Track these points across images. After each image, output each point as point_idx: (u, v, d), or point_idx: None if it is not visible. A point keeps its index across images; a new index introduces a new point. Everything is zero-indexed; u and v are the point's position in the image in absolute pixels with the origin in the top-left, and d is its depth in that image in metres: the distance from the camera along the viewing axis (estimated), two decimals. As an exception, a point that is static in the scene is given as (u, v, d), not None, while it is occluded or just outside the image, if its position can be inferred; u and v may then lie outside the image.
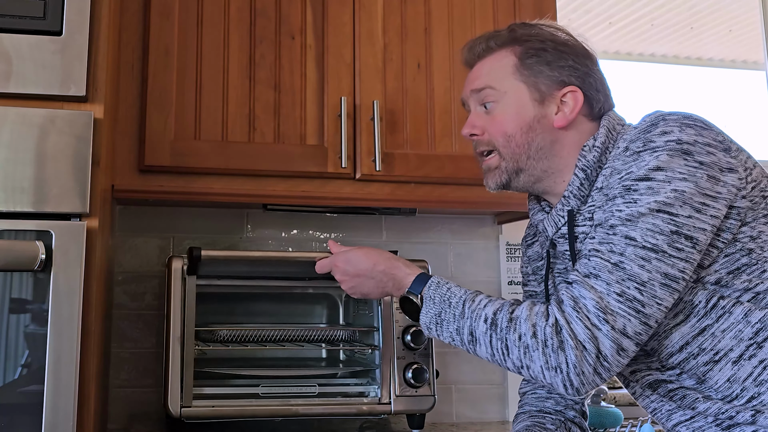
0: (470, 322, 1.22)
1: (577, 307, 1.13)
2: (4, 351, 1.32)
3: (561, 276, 1.41)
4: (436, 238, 2.24)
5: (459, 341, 1.24)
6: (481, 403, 2.21)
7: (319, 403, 1.81)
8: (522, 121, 1.32)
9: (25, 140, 1.35)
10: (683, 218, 1.13)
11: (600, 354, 1.11)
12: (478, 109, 1.37)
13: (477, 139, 1.37)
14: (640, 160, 1.16)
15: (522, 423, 1.44)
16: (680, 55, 4.78)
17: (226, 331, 1.87)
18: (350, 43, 1.91)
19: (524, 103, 1.32)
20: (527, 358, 1.16)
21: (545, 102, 1.32)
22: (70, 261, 1.33)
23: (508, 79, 1.33)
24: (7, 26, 1.39)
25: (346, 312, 2.06)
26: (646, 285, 1.12)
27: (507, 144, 1.32)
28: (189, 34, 1.83)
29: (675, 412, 1.26)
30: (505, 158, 1.33)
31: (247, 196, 1.84)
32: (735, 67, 4.91)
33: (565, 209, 1.30)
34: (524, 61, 1.33)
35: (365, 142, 1.86)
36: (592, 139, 1.30)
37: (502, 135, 1.32)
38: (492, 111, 1.34)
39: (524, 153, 1.32)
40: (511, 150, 1.32)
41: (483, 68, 1.37)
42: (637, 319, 1.11)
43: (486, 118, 1.35)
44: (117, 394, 1.99)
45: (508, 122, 1.32)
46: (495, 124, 1.33)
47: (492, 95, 1.34)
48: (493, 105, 1.34)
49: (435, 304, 1.26)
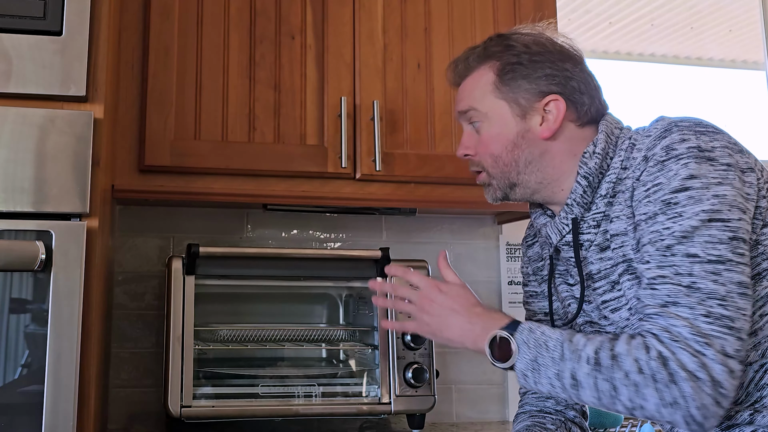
0: (571, 365, 1.13)
1: (674, 337, 1.07)
2: (4, 351, 1.32)
3: (561, 278, 1.41)
4: (436, 238, 2.24)
5: (560, 387, 1.14)
6: (481, 403, 2.21)
7: (319, 403, 1.81)
8: (506, 139, 1.32)
9: (25, 140, 1.35)
10: (735, 222, 1.10)
11: (714, 381, 1.05)
12: (468, 128, 1.38)
13: (470, 159, 1.39)
14: (667, 170, 1.14)
15: (522, 423, 1.44)
16: (680, 55, 4.79)
17: (226, 331, 1.87)
18: (350, 43, 1.91)
19: (507, 120, 1.32)
20: (639, 397, 1.08)
21: (527, 116, 1.31)
22: (70, 261, 1.33)
23: (488, 98, 1.33)
24: (7, 26, 1.39)
25: (346, 312, 2.06)
26: (727, 299, 1.07)
27: (495, 164, 1.34)
28: (189, 34, 1.83)
29: None
30: (495, 177, 1.35)
31: (247, 196, 1.84)
32: (735, 67, 4.91)
33: (569, 217, 1.30)
34: (502, 78, 1.32)
35: (365, 142, 1.86)
36: (592, 146, 1.28)
37: (490, 156, 1.34)
38: (479, 131, 1.35)
39: (513, 170, 1.32)
40: (500, 169, 1.33)
41: (465, 89, 1.38)
42: (732, 336, 1.06)
43: (476, 138, 1.37)
44: (117, 394, 1.99)
45: (493, 143, 1.33)
46: (482, 145, 1.35)
47: (476, 116, 1.35)
48: (479, 125, 1.35)
49: (530, 349, 1.17)
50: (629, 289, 1.23)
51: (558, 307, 1.43)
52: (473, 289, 2.32)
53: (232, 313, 2.01)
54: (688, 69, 4.80)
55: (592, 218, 1.28)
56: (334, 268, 1.91)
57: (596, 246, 1.28)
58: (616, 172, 1.26)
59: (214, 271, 1.83)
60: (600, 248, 1.28)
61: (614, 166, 1.27)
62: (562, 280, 1.40)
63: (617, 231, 1.24)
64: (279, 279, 1.93)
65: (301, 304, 2.08)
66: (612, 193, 1.26)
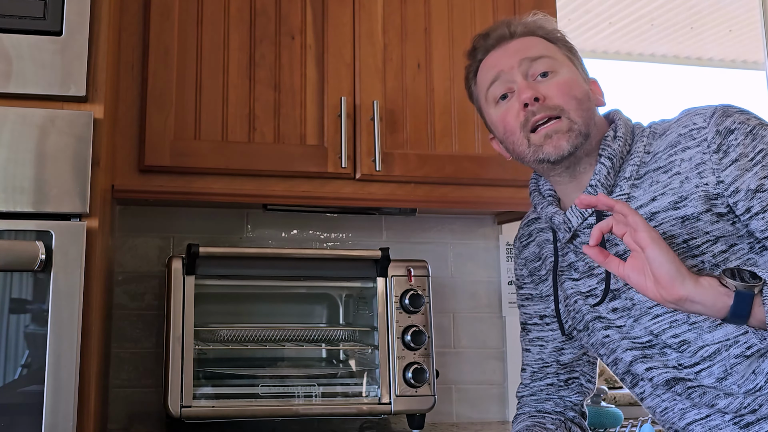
0: None
1: None
2: (4, 351, 1.32)
3: (565, 273, 1.39)
4: (436, 238, 2.24)
5: None
6: (481, 403, 2.21)
7: (319, 403, 1.81)
8: (584, 89, 1.32)
9: (25, 140, 1.35)
10: None
11: None
12: (526, 81, 1.30)
13: (540, 105, 1.28)
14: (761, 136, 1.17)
15: (522, 423, 1.44)
16: (680, 55, 4.78)
17: (226, 331, 1.87)
18: (350, 43, 1.91)
19: (578, 76, 1.33)
20: None
21: (587, 83, 1.35)
22: (70, 261, 1.33)
23: (560, 55, 1.34)
24: (7, 26, 1.39)
25: (346, 312, 2.06)
26: None
27: (579, 108, 1.28)
28: (189, 34, 1.83)
29: (689, 411, 1.24)
30: (577, 122, 1.28)
31: (247, 196, 1.84)
32: (735, 67, 4.91)
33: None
34: (566, 47, 1.35)
35: (365, 142, 1.86)
36: (612, 131, 1.30)
37: (574, 99, 1.28)
38: (555, 77, 1.30)
39: (591, 119, 1.30)
40: (582, 113, 1.28)
41: (529, 42, 1.34)
42: None
43: (546, 85, 1.30)
44: (117, 394, 1.99)
45: (576, 87, 1.30)
46: (564, 87, 1.29)
47: (550, 63, 1.31)
48: (558, 69, 1.31)
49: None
50: None
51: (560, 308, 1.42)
52: (473, 289, 2.33)
53: (232, 313, 2.01)
54: (688, 69, 4.80)
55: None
56: (334, 268, 1.91)
57: None
58: (640, 155, 1.27)
59: (214, 271, 1.83)
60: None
61: (637, 150, 1.28)
62: (566, 276, 1.39)
63: (659, 208, 1.23)
64: (279, 279, 1.93)
65: (301, 304, 2.08)
66: (637, 176, 1.27)
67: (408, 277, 1.91)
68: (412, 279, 1.91)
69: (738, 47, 4.66)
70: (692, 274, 1.10)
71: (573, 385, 1.46)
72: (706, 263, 1.20)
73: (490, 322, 2.24)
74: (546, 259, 1.44)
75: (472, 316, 2.23)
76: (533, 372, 1.48)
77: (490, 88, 1.35)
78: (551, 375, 1.46)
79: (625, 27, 4.37)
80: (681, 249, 1.21)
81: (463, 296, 2.23)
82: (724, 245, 1.19)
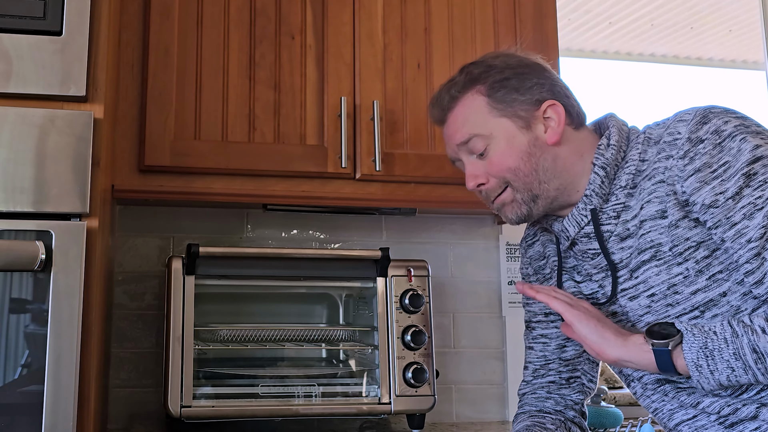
0: (747, 339, 1.10)
1: None
2: (4, 351, 1.32)
3: (567, 275, 1.41)
4: (436, 238, 2.24)
5: (741, 367, 1.10)
6: (481, 403, 2.21)
7: (319, 403, 1.81)
8: (520, 151, 1.31)
9: (25, 140, 1.35)
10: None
11: None
12: (471, 158, 1.35)
13: (486, 188, 1.35)
14: (728, 149, 1.16)
15: (522, 423, 1.44)
16: (680, 55, 4.79)
17: (226, 331, 1.87)
18: (350, 43, 1.91)
19: (514, 134, 1.31)
20: None
21: (531, 126, 1.31)
22: (70, 261, 1.33)
23: (487, 120, 1.32)
24: (7, 26, 1.39)
25: (346, 312, 2.06)
26: None
27: (516, 176, 1.31)
28: (189, 34, 1.83)
29: (677, 411, 1.26)
30: (519, 190, 1.31)
31: (247, 196, 1.84)
32: (735, 67, 4.91)
33: (587, 208, 1.30)
34: (494, 96, 1.32)
35: (365, 142, 1.86)
36: (605, 139, 1.30)
37: (508, 170, 1.31)
38: (487, 155, 1.32)
39: (534, 180, 1.31)
40: (522, 180, 1.31)
41: (458, 120, 1.35)
42: None
43: (484, 164, 1.33)
44: (117, 394, 1.99)
45: (507, 158, 1.31)
46: (496, 165, 1.32)
47: (480, 141, 1.32)
48: (488, 148, 1.32)
49: (696, 337, 1.13)
50: (657, 275, 1.24)
51: None
52: (473, 289, 2.33)
53: (232, 313, 2.01)
54: (688, 69, 4.80)
55: (611, 209, 1.29)
56: (334, 268, 1.91)
57: (616, 236, 1.29)
58: (635, 163, 1.28)
59: (214, 271, 1.83)
60: (620, 238, 1.28)
61: (632, 158, 1.28)
62: (569, 277, 1.40)
63: (647, 216, 1.24)
64: (279, 279, 1.93)
65: (301, 304, 2.08)
66: (632, 184, 1.27)
67: (408, 277, 1.91)
68: (412, 279, 1.91)
69: (738, 47, 4.66)
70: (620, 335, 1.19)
71: (574, 384, 1.47)
72: (690, 270, 1.21)
73: (490, 322, 2.24)
74: (549, 258, 1.46)
75: (472, 316, 2.23)
76: (535, 369, 1.49)
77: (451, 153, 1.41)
78: (553, 372, 1.47)
79: (625, 27, 4.38)
80: (668, 256, 1.22)
81: (463, 296, 2.23)
82: (706, 251, 1.20)
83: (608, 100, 4.08)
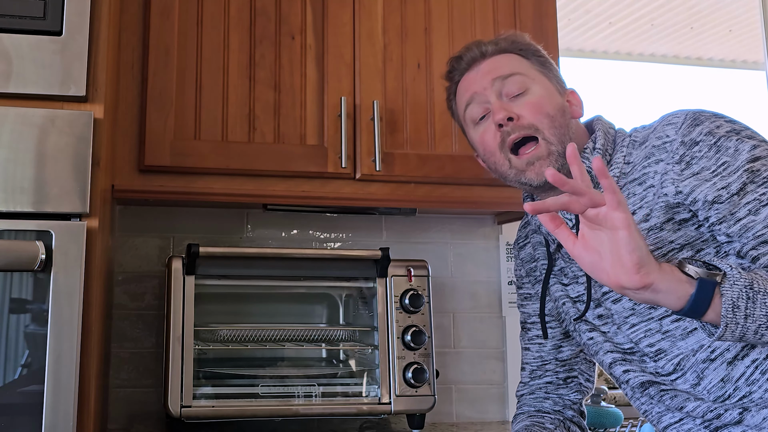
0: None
1: None
2: (4, 351, 1.32)
3: (555, 278, 1.41)
4: (436, 238, 2.24)
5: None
6: (481, 403, 2.21)
7: (319, 403, 1.81)
8: (557, 104, 1.31)
9: (25, 140, 1.35)
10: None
11: None
12: (500, 101, 1.31)
13: (514, 125, 1.29)
14: (725, 149, 1.16)
15: (521, 423, 1.45)
16: (680, 55, 4.78)
17: (226, 331, 1.87)
18: (350, 43, 1.91)
19: (552, 91, 1.33)
20: None
21: (563, 95, 1.35)
22: (70, 261, 1.33)
23: (530, 70, 1.34)
24: (7, 26, 1.39)
25: (346, 312, 2.06)
26: None
27: (552, 125, 1.28)
28: (189, 34, 1.83)
29: (664, 415, 1.27)
30: (552, 142, 1.28)
31: (247, 196, 1.84)
32: (735, 67, 4.91)
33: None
34: (536, 62, 1.35)
35: (365, 142, 1.86)
36: (591, 143, 1.30)
37: (546, 116, 1.28)
38: (526, 96, 1.30)
39: (566, 135, 1.29)
40: (556, 131, 1.28)
41: (501, 60, 1.35)
42: None
43: (518, 104, 1.30)
44: (117, 394, 1.99)
45: (546, 104, 1.29)
46: (534, 106, 1.29)
47: (520, 81, 1.31)
48: (526, 91, 1.30)
49: (741, 275, 1.03)
50: None
51: (552, 308, 1.43)
52: (473, 289, 2.33)
53: (232, 313, 2.01)
54: (688, 69, 4.80)
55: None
56: (334, 268, 1.91)
57: None
58: (620, 167, 1.27)
59: (214, 271, 1.83)
60: None
61: (617, 161, 1.28)
62: (556, 280, 1.41)
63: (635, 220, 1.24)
64: (279, 279, 1.93)
65: (301, 304, 2.08)
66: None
67: (408, 277, 1.91)
68: (412, 279, 1.91)
69: (738, 47, 4.66)
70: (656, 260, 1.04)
71: (572, 384, 1.47)
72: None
73: (490, 322, 2.24)
74: (539, 261, 1.46)
75: (472, 316, 2.23)
76: (532, 370, 1.49)
77: (467, 109, 1.37)
78: (550, 373, 1.47)
79: (625, 27, 4.37)
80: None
81: (463, 296, 2.23)
82: (691, 251, 1.20)
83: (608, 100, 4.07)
